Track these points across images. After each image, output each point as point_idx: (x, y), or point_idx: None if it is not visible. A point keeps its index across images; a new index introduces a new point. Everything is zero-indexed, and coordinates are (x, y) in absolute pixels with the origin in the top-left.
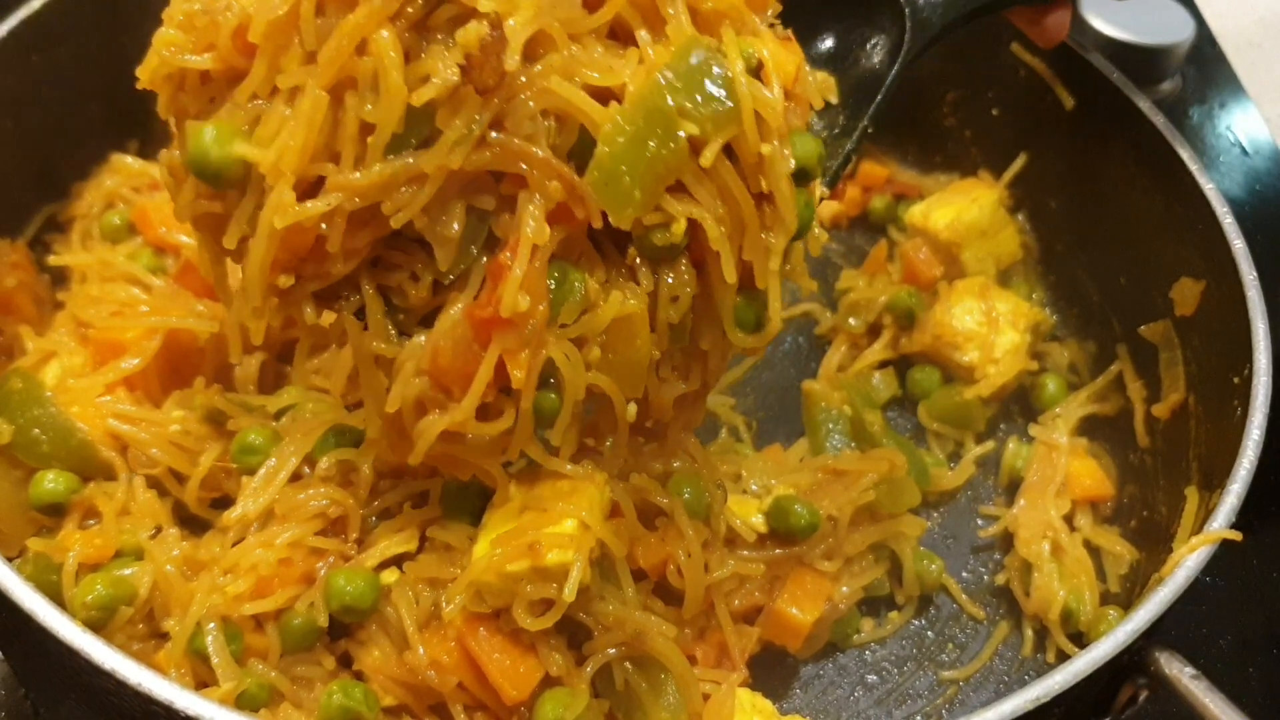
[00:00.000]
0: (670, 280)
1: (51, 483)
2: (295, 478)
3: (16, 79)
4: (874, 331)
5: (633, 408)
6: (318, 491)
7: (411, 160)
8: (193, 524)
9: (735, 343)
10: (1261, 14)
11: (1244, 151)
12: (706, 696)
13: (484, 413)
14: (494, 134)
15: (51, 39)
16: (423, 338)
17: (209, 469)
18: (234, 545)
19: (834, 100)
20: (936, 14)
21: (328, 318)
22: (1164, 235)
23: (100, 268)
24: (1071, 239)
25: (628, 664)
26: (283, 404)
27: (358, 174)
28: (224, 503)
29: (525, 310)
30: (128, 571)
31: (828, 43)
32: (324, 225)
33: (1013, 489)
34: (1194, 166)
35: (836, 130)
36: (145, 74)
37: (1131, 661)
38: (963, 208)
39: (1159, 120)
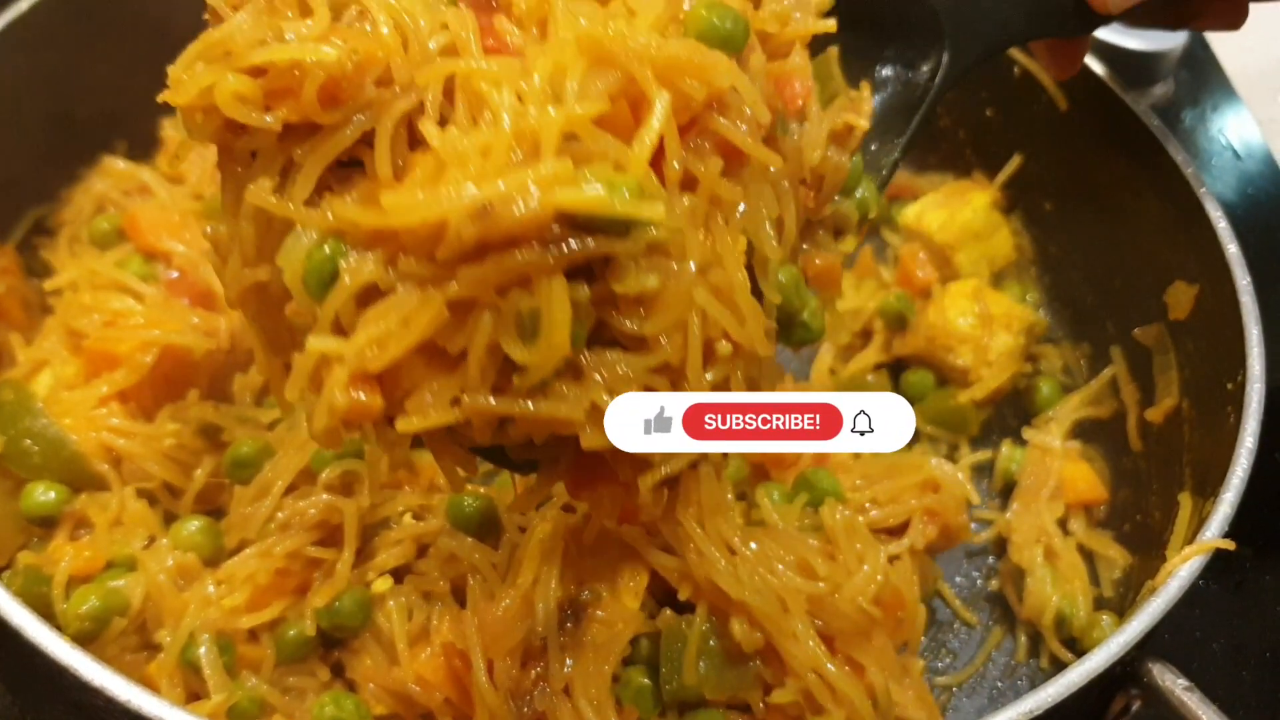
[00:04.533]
0: None
1: (43, 494)
2: (290, 489)
3: (3, 81)
4: (865, 335)
5: None
6: (319, 499)
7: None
8: None
9: None
10: (1255, 17)
11: (1236, 155)
12: None
13: None
14: None
15: (39, 40)
16: None
17: (203, 483)
18: (230, 556)
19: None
20: (973, 44)
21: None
22: (1158, 238)
23: (90, 276)
24: (1066, 241)
25: None
26: (277, 414)
27: (494, 400)
28: (217, 515)
29: None
30: (120, 583)
31: (885, 71)
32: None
33: (1006, 493)
34: (1188, 170)
35: (874, 148)
36: (181, 100)
37: (1124, 672)
38: (956, 209)
39: (1154, 123)
